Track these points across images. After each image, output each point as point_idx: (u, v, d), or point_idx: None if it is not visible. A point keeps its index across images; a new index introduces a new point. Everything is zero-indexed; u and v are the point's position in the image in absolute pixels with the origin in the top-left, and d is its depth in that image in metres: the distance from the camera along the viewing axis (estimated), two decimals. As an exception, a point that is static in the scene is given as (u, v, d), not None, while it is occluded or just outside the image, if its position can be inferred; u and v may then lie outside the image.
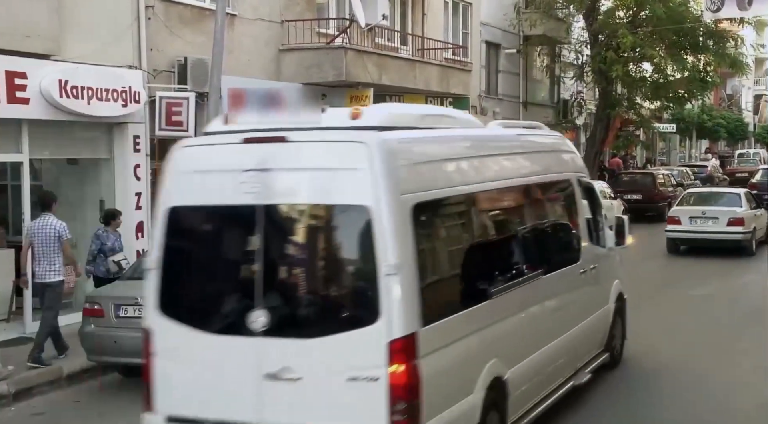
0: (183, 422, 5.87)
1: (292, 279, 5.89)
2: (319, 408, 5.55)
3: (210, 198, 5.94)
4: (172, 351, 5.91)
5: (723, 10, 20.39)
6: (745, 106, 61.13)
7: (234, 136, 5.94)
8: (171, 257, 5.96)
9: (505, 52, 25.88)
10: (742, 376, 9.45)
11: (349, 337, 5.49)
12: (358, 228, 5.56)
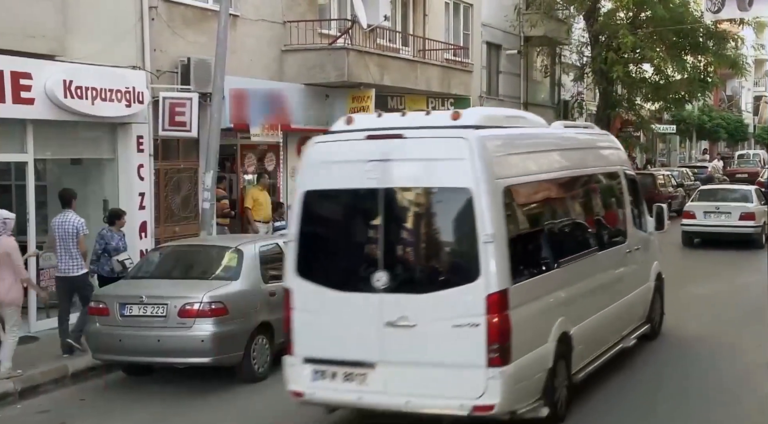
0: (317, 362, 7.38)
1: (408, 246, 7.39)
2: (429, 348, 6.98)
3: (338, 183, 7.43)
4: (308, 306, 7.41)
5: (723, 11, 20.30)
6: (745, 107, 61.18)
7: (357, 133, 7.48)
8: (306, 230, 7.46)
9: (505, 53, 25.93)
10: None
11: (455, 292, 6.97)
12: (461, 205, 7.02)
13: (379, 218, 7.23)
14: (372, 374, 7.16)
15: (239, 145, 15.29)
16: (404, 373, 7.07)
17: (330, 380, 7.35)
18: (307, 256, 7.47)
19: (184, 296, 9.16)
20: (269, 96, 15.28)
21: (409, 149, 7.23)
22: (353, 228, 7.61)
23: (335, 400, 7.53)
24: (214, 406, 8.85)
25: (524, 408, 7.19)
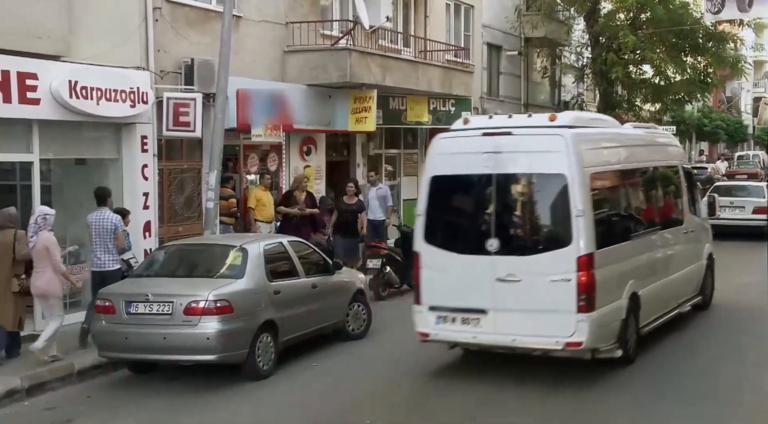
0: (440, 309, 9.40)
1: (514, 219, 9.50)
2: (531, 298, 8.95)
3: (459, 169, 9.45)
4: (433, 266, 9.44)
5: (723, 12, 20.40)
6: (744, 108, 61.24)
7: (474, 131, 9.57)
8: (433, 206, 9.50)
9: (506, 54, 25.99)
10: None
11: (552, 255, 8.97)
12: (557, 187, 8.97)
13: (492, 196, 9.27)
14: (485, 319, 9.19)
15: (242, 146, 15.36)
16: (511, 317, 9.07)
17: (450, 324, 9.40)
18: (432, 226, 9.54)
19: (189, 294, 9.23)
20: (272, 97, 15.35)
21: (517, 143, 9.24)
22: (471, 205, 9.69)
23: (454, 339, 9.62)
24: (219, 403, 8.93)
25: (603, 348, 9.16)
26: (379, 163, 20.14)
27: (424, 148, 21.62)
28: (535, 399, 8.80)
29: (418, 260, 9.57)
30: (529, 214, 9.51)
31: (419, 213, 9.71)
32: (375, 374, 10.09)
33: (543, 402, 8.70)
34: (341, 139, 18.40)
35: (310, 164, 16.87)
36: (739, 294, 14.03)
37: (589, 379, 9.25)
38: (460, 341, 9.67)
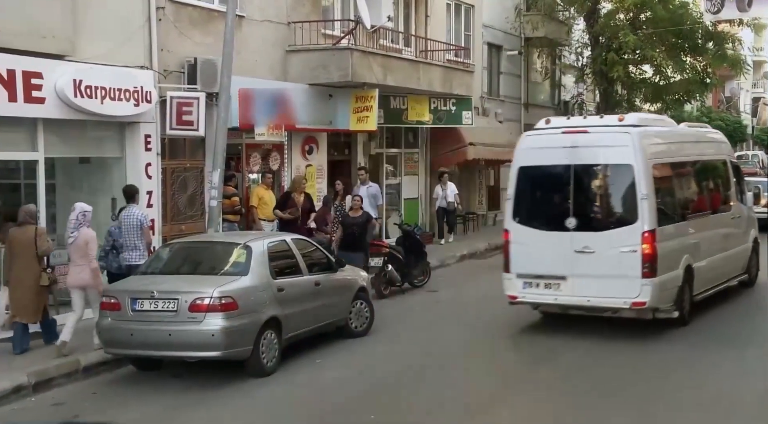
0: (526, 276, 11.38)
1: (589, 201, 11.49)
2: (603, 266, 10.87)
3: (542, 161, 11.44)
4: (520, 240, 11.47)
5: (723, 12, 20.63)
6: (743, 108, 61.28)
7: (555, 130, 11.59)
8: (520, 191, 11.51)
9: (506, 54, 26.08)
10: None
11: (621, 230, 10.92)
12: (626, 175, 10.91)
13: (570, 183, 11.15)
14: (564, 284, 11.15)
15: (244, 145, 15.44)
16: (586, 282, 10.97)
17: (535, 288, 11.38)
18: (520, 208, 11.60)
19: (194, 291, 9.31)
20: (274, 96, 15.45)
21: (591, 140, 11.19)
22: (552, 190, 11.61)
23: (538, 300, 11.66)
24: (224, 399, 9.00)
25: (662, 308, 11.09)
26: (380, 163, 20.23)
27: (425, 148, 21.75)
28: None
29: (507, 236, 11.68)
30: (601, 197, 11.58)
31: (509, 197, 11.81)
32: (378, 370, 10.17)
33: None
34: (343, 138, 18.49)
35: (311, 163, 16.96)
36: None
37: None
38: (542, 302, 11.72)
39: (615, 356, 10.41)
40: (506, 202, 11.93)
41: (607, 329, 11.50)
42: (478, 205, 24.68)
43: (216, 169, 12.41)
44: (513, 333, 12.03)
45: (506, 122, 25.78)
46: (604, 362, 10.12)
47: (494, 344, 11.54)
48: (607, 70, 24.48)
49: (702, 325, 11.79)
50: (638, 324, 11.40)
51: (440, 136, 21.35)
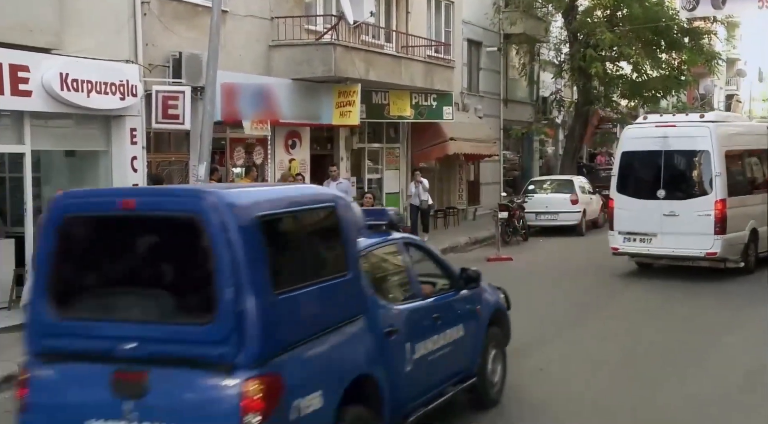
0: (626, 233, 15.28)
1: (676, 178, 15.16)
2: (685, 226, 14.51)
3: (640, 147, 15.30)
4: (622, 206, 15.37)
5: (698, 9, 20.95)
6: (717, 105, 61.95)
7: (650, 124, 15.66)
8: (622, 170, 15.52)
9: (486, 50, 26.36)
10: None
11: (699, 199, 14.70)
12: (704, 159, 14.77)
13: (661, 164, 15.00)
14: (655, 239, 15.00)
15: (228, 139, 15.58)
16: (672, 238, 14.75)
17: (632, 242, 15.31)
18: (622, 182, 15.57)
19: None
20: (257, 91, 15.58)
21: (678, 132, 15.11)
22: (647, 169, 15.39)
23: (634, 251, 15.58)
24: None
25: (731, 259, 14.88)
26: (362, 158, 20.42)
27: (406, 143, 21.97)
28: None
29: (612, 203, 15.77)
30: (684, 173, 15.50)
31: (613, 174, 15.93)
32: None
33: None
34: (325, 133, 18.66)
35: (295, 158, 17.11)
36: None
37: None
38: (637, 253, 15.58)
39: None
40: (611, 178, 16.01)
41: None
42: (458, 200, 24.93)
43: (202, 162, 12.51)
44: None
45: (486, 118, 26.08)
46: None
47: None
48: (585, 66, 24.78)
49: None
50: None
51: (421, 131, 21.58)
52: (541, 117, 30.24)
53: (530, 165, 30.90)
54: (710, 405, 8.05)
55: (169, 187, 8.34)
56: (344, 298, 5.60)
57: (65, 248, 5.16)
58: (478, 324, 7.55)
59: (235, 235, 4.76)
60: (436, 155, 21.97)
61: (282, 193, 5.83)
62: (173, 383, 4.81)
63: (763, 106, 66.74)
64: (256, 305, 4.72)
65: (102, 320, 5.06)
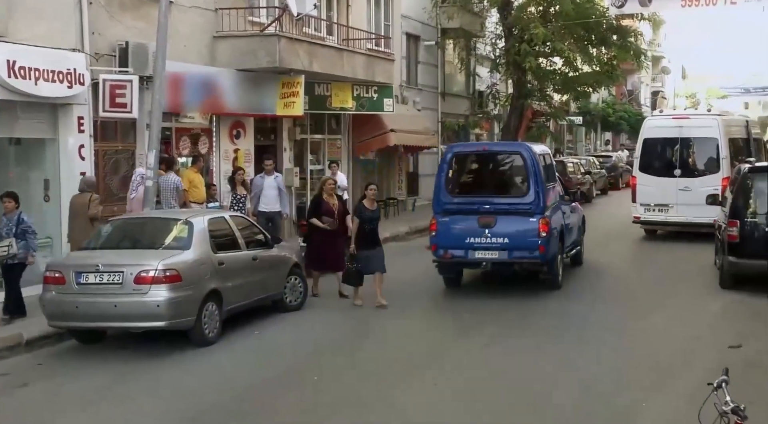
0: (646, 205, 19.14)
1: (693, 159, 19.06)
2: (697, 199, 18.02)
3: (659, 135, 19.22)
4: (643, 182, 19.18)
5: (626, 6, 21.89)
6: (644, 102, 64.07)
7: (667, 116, 20.85)
8: (644, 153, 19.24)
9: (424, 44, 26.85)
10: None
11: (709, 177, 18.47)
12: (713, 145, 18.74)
13: (677, 148, 18.69)
14: (671, 209, 18.62)
15: (174, 129, 15.68)
16: (685, 208, 18.29)
17: (651, 212, 18.91)
18: (644, 163, 19.08)
19: (139, 264, 9.66)
20: (202, 81, 15.72)
21: (691, 122, 19.07)
22: (665, 152, 18.97)
23: (654, 220, 19.09)
24: (171, 366, 9.40)
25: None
26: (305, 149, 20.69)
27: (347, 134, 22.31)
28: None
29: (634, 180, 19.48)
30: (696, 157, 18.95)
31: (636, 157, 19.58)
32: (315, 339, 10.73)
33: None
34: (269, 123, 18.88)
35: (239, 148, 17.29)
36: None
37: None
38: (656, 221, 19.08)
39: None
40: (634, 160, 19.91)
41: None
42: (398, 191, 25.39)
43: (152, 150, 12.67)
44: (438, 294, 12.78)
45: (424, 111, 26.58)
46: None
47: (423, 305, 12.29)
48: (520, 60, 25.46)
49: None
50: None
51: (362, 123, 21.95)
52: (478, 110, 30.90)
53: (467, 157, 31.51)
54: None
55: (504, 142, 22.40)
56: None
57: (455, 169, 13.40)
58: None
59: (534, 162, 12.83)
60: (377, 146, 22.37)
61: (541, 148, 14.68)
62: (507, 221, 12.60)
63: (685, 102, 69.04)
64: (541, 191, 12.65)
65: (472, 196, 13.10)
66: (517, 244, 12.54)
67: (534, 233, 12.48)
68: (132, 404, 8.11)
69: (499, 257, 12.63)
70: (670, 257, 17.04)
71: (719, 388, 4.81)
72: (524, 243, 12.45)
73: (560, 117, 33.81)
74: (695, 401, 4.83)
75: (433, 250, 13.04)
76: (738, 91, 70.22)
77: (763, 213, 12.94)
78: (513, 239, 12.53)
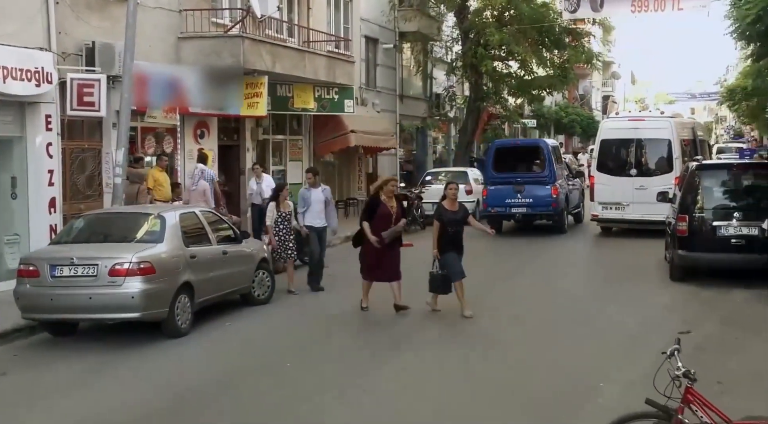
0: (604, 203, 19.47)
1: (647, 159, 19.76)
2: (651, 197, 17.14)
3: (616, 136, 19.81)
4: (601, 182, 19.65)
5: (579, 11, 22.58)
6: (595, 106, 65.47)
7: (623, 118, 21.25)
8: (601, 153, 19.92)
9: (382, 47, 27.27)
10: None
11: (662, 176, 18.86)
12: (665, 145, 19.44)
13: (632, 149, 19.49)
14: (627, 207, 19.15)
15: (139, 128, 15.84)
16: (640, 206, 18.64)
17: (609, 210, 19.42)
18: (602, 163, 19.70)
19: (114, 257, 9.86)
20: (168, 80, 15.91)
21: (646, 124, 19.63)
22: (621, 153, 19.69)
23: (611, 218, 19.62)
24: (145, 357, 9.60)
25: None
26: (267, 149, 20.94)
27: (309, 135, 22.62)
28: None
29: (593, 180, 19.91)
30: (652, 157, 19.68)
31: (594, 157, 20.42)
32: (286, 330, 11.06)
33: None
34: (232, 124, 19.10)
35: (203, 147, 17.50)
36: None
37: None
38: (613, 218, 19.61)
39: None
40: (592, 160, 20.82)
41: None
42: (358, 191, 25.76)
43: (120, 147, 12.86)
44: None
45: (383, 112, 27.00)
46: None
47: (387, 304, 12.67)
48: (477, 63, 25.99)
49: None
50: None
51: (323, 124, 22.28)
52: (435, 112, 31.42)
53: (424, 159, 32.04)
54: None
55: (528, 139, 35.03)
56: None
57: (498, 158, 21.03)
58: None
59: (548, 150, 20.90)
60: (338, 147, 22.71)
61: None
62: (531, 189, 20.24)
63: (634, 107, 70.81)
64: (552, 168, 20.50)
65: (509, 173, 20.76)
66: (538, 202, 20.02)
67: (549, 195, 19.96)
68: (109, 393, 8.32)
69: (527, 211, 20.20)
70: (624, 252, 17.69)
71: (672, 356, 5.29)
72: (542, 202, 19.94)
73: (515, 120, 34.51)
74: (649, 377, 5.27)
75: (484, 208, 20.72)
76: (685, 96, 72.31)
77: (710, 208, 13.58)
78: (535, 199, 20.03)
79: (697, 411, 5.16)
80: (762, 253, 12.94)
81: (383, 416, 7.51)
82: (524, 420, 7.31)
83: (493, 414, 7.44)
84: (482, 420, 7.34)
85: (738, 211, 13.34)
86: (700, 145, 22.19)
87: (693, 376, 5.13)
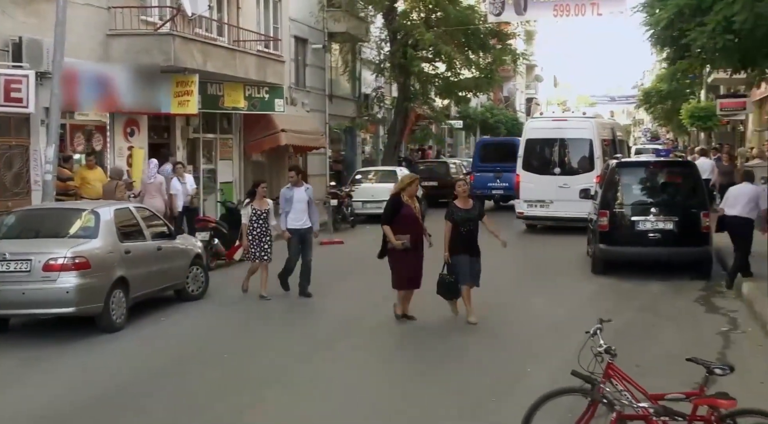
0: (529, 201, 20.09)
1: (568, 158, 20.55)
2: (574, 195, 17.60)
3: (540, 135, 20.52)
4: (526, 180, 20.21)
5: (504, 14, 23.22)
6: (519, 107, 66.89)
7: (547, 118, 22.21)
8: (527, 153, 20.51)
9: (311, 47, 27.44)
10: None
11: (584, 175, 19.46)
12: (587, 145, 20.05)
13: (557, 148, 20.30)
14: (551, 205, 19.77)
15: (68, 125, 15.67)
16: (564, 204, 19.23)
17: (534, 208, 20.06)
18: (527, 162, 20.27)
19: (48, 252, 9.85)
20: (96, 78, 15.80)
21: (569, 124, 20.57)
22: (546, 152, 20.35)
23: (535, 215, 20.18)
24: (79, 351, 9.61)
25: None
26: (197, 147, 20.90)
27: (239, 134, 22.65)
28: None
29: (518, 178, 20.33)
30: (573, 154, 20.33)
31: (520, 155, 20.46)
32: (221, 324, 11.19)
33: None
34: (162, 122, 19.02)
35: (133, 145, 17.41)
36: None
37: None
38: (538, 216, 20.18)
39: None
40: (518, 159, 20.49)
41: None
42: (288, 190, 25.82)
43: (51, 144, 12.75)
44: (333, 281, 13.45)
45: (312, 112, 27.17)
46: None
47: (315, 300, 12.90)
48: (407, 63, 26.38)
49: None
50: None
51: (253, 123, 22.33)
52: (364, 112, 31.73)
53: (353, 159, 32.33)
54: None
55: (501, 138, 38.40)
56: None
57: (482, 154, 27.86)
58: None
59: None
60: (268, 146, 22.79)
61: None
62: (506, 176, 23.90)
63: (557, 109, 72.58)
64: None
65: (491, 163, 26.63)
66: (510, 186, 22.44)
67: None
68: (43, 387, 8.31)
69: (503, 193, 24.97)
70: (548, 248, 18.28)
71: (594, 334, 5.70)
72: (514, 186, 21.10)
73: (442, 120, 35.08)
74: (574, 361, 5.62)
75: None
76: (605, 99, 74.57)
77: (629, 204, 14.23)
78: (509, 183, 22.52)
79: (617, 385, 5.58)
80: (676, 246, 13.66)
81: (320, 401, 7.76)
82: (453, 407, 7.56)
83: (420, 403, 7.67)
84: (412, 409, 7.63)
85: (655, 206, 14.01)
86: (620, 145, 23.05)
87: (614, 352, 5.54)
